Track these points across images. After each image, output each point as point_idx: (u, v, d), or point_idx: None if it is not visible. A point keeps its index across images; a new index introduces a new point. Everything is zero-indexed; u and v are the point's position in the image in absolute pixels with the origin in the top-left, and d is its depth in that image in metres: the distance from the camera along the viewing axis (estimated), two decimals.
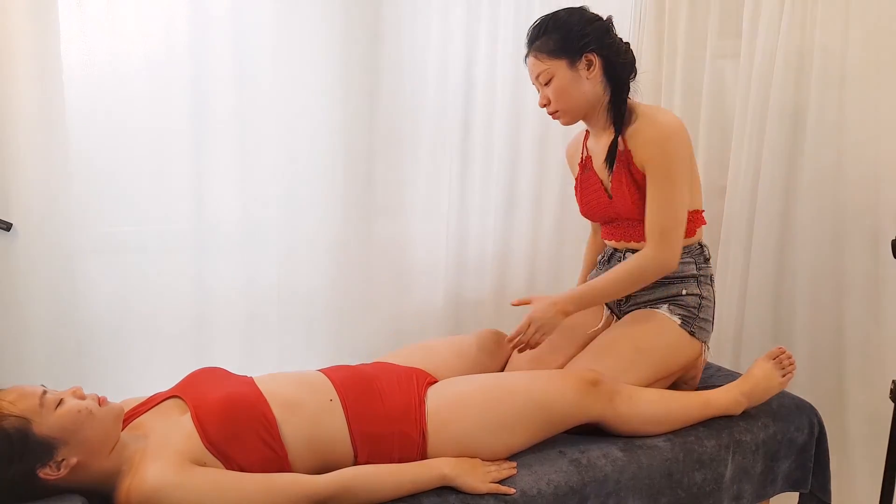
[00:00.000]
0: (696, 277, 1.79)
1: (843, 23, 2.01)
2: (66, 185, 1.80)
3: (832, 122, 2.06)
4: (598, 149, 1.82)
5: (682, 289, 1.78)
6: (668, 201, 1.67)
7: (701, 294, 1.78)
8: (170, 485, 1.18)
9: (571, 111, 1.75)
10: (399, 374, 1.51)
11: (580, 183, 1.89)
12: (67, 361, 1.86)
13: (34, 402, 1.17)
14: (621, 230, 1.83)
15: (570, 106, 1.74)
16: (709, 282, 1.82)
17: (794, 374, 1.72)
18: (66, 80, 1.76)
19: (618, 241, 1.86)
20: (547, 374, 1.58)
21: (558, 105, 1.73)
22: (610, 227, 1.88)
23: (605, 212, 1.84)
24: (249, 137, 2.01)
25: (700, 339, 1.77)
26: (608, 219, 1.86)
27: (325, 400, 1.39)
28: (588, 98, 1.73)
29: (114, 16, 1.81)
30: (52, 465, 1.16)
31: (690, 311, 1.75)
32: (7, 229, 1.73)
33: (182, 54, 1.88)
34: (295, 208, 2.08)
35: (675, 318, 1.75)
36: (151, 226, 1.95)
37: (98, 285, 1.91)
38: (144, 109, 1.87)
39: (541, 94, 1.75)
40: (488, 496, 1.35)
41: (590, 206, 1.88)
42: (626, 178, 1.73)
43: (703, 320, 1.77)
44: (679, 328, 1.74)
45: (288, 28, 2.01)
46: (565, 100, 1.72)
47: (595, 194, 1.85)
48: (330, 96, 2.09)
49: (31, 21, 1.68)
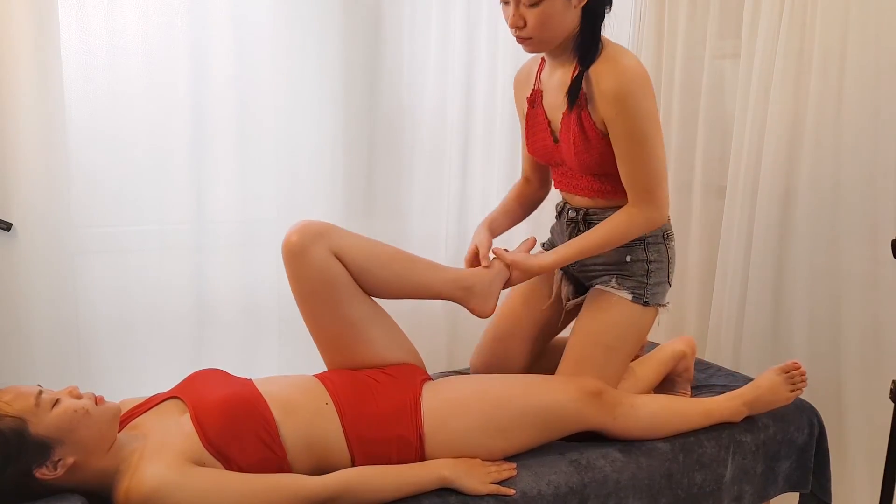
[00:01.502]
0: (642, 239, 1.67)
1: (843, 23, 2.00)
2: (66, 185, 1.80)
3: (832, 122, 2.06)
4: (551, 83, 1.65)
5: (625, 255, 1.68)
6: (646, 159, 1.55)
7: (647, 258, 1.68)
8: (169, 485, 1.17)
9: (547, 41, 1.55)
10: (394, 374, 1.50)
11: (529, 119, 1.73)
12: (67, 361, 1.86)
13: (30, 402, 1.16)
14: (566, 179, 1.73)
15: (550, 35, 1.53)
16: (661, 240, 1.70)
17: (803, 391, 1.69)
18: (65, 81, 1.76)
19: (563, 190, 1.76)
20: (549, 381, 1.57)
21: (536, 31, 1.51)
22: (556, 173, 1.77)
23: (551, 155, 1.70)
24: (249, 137, 2.01)
25: (655, 305, 1.71)
26: (554, 162, 1.73)
27: (321, 403, 1.39)
28: (567, 29, 1.54)
29: (114, 16, 1.81)
30: (48, 465, 1.16)
31: (638, 280, 1.68)
32: (7, 229, 1.73)
33: (182, 54, 1.89)
34: (294, 208, 2.08)
35: (625, 295, 1.67)
36: (151, 225, 1.96)
37: (98, 285, 1.91)
38: (144, 109, 1.88)
39: (514, 13, 1.50)
40: (488, 497, 1.35)
41: (535, 147, 1.73)
42: (574, 124, 1.59)
43: (655, 285, 1.69)
44: (632, 304, 1.68)
45: (288, 29, 2.01)
46: (548, 28, 1.51)
47: (541, 134, 1.70)
48: (330, 96, 2.09)
49: (31, 21, 1.68)
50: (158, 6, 1.85)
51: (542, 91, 1.68)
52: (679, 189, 2.55)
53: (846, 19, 2.00)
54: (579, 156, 1.61)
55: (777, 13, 2.14)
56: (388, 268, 1.54)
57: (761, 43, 2.18)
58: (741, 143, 2.27)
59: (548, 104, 1.66)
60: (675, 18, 2.49)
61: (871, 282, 2.02)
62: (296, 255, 1.45)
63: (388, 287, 1.55)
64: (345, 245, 1.48)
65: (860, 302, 2.04)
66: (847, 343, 2.07)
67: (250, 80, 1.98)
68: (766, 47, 2.17)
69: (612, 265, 1.70)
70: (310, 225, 1.48)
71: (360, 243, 1.52)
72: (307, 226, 1.47)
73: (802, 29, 2.10)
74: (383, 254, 1.55)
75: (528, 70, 1.76)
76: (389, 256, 1.56)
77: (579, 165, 1.63)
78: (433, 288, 1.60)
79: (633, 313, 1.69)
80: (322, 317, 1.53)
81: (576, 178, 1.70)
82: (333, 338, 1.54)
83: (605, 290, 1.71)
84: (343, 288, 1.48)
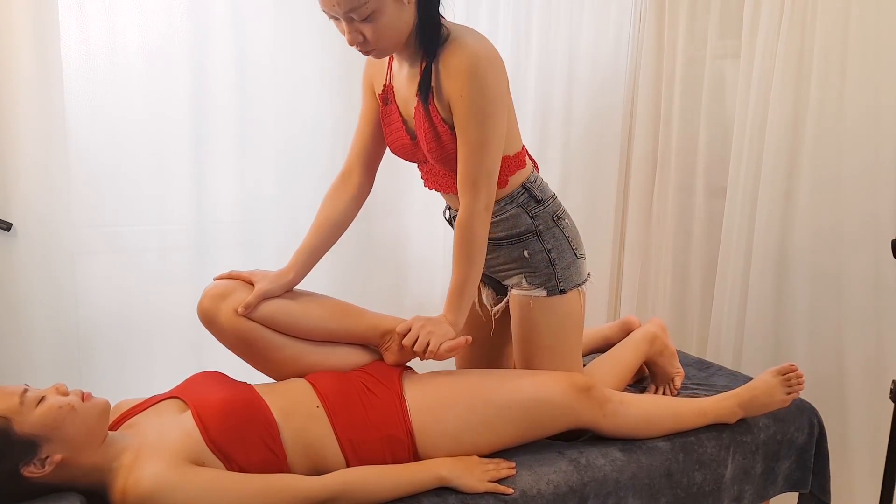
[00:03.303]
0: (534, 230, 1.60)
1: (843, 23, 2.01)
2: (66, 185, 1.80)
3: (832, 122, 2.06)
4: (401, 78, 1.55)
5: (522, 250, 1.61)
6: (480, 146, 1.45)
7: (545, 248, 1.60)
8: (168, 485, 1.17)
9: (392, 46, 1.45)
10: (373, 373, 1.50)
11: (384, 116, 1.62)
12: (67, 361, 1.86)
13: (14, 400, 1.16)
14: (431, 177, 1.65)
15: (393, 42, 1.43)
16: (552, 224, 1.61)
17: (799, 393, 1.68)
18: (66, 80, 1.77)
19: (433, 188, 1.68)
20: (538, 375, 1.56)
21: (378, 42, 1.41)
22: (422, 171, 1.68)
23: (412, 153, 1.61)
24: (249, 137, 2.01)
25: (573, 287, 1.64)
26: (417, 160, 1.64)
27: (312, 407, 1.39)
28: (408, 27, 1.43)
29: (113, 16, 1.81)
30: (36, 463, 1.15)
31: (545, 273, 1.61)
32: (7, 229, 1.73)
33: (182, 55, 1.89)
34: (294, 208, 2.08)
35: (540, 293, 1.60)
36: (151, 225, 1.96)
37: (98, 285, 1.91)
38: (144, 109, 1.88)
39: (350, 30, 1.39)
40: (488, 496, 1.35)
41: (395, 146, 1.63)
42: (424, 119, 1.50)
43: (564, 269, 1.61)
44: (550, 299, 1.61)
45: (287, 28, 2.01)
46: (388, 35, 1.41)
47: (398, 133, 1.60)
48: (330, 96, 2.09)
49: (31, 21, 1.68)
50: (158, 6, 1.85)
51: (393, 87, 1.58)
52: (680, 189, 2.55)
53: (846, 19, 2.00)
54: (432, 152, 1.53)
55: (777, 13, 2.14)
56: (301, 321, 1.51)
57: (762, 43, 2.18)
58: (742, 143, 2.27)
59: (400, 100, 1.57)
60: (676, 19, 2.49)
61: (872, 281, 2.02)
62: (207, 321, 1.49)
63: (305, 336, 1.53)
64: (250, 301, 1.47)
65: (861, 302, 2.04)
66: (847, 343, 2.07)
67: (250, 80, 1.98)
68: (767, 47, 2.17)
69: (514, 263, 1.64)
70: (215, 287, 1.49)
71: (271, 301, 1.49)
72: (212, 288, 1.49)
73: (803, 29, 2.10)
74: (294, 308, 1.51)
75: (379, 64, 1.63)
76: (302, 310, 1.52)
77: (437, 161, 1.55)
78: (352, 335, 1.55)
79: (555, 307, 1.62)
80: (258, 363, 1.54)
81: (440, 174, 1.62)
82: (281, 372, 1.53)
83: (520, 295, 1.64)
84: (262, 340, 1.49)
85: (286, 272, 1.55)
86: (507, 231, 1.61)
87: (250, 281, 1.50)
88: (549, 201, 1.63)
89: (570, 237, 1.64)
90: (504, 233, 1.61)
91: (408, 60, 1.52)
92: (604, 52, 2.60)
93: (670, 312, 2.60)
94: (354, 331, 1.55)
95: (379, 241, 2.24)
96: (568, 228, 1.65)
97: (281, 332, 1.50)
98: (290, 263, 1.58)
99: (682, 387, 1.87)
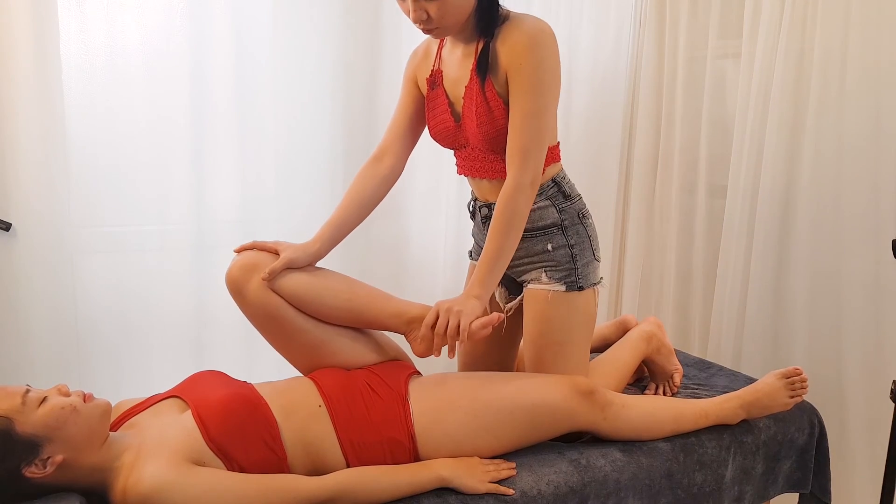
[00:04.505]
0: (560, 225, 1.62)
1: (843, 23, 2.01)
2: (65, 185, 1.80)
3: (832, 122, 2.06)
4: (452, 61, 1.60)
5: (546, 244, 1.63)
6: (535, 116, 1.48)
7: (568, 243, 1.63)
8: (168, 485, 1.17)
9: (453, 26, 1.49)
10: (380, 373, 1.50)
11: (429, 101, 1.66)
12: (67, 361, 1.86)
13: (16, 401, 1.16)
14: (469, 162, 1.65)
15: (456, 20, 1.48)
16: (577, 221, 1.64)
17: (802, 397, 1.68)
18: (65, 80, 1.77)
19: (466, 174, 1.69)
20: (539, 379, 1.56)
21: (441, 21, 1.46)
22: (459, 157, 1.69)
23: (454, 137, 1.63)
24: (249, 137, 2.01)
25: (590, 286, 1.65)
26: (457, 145, 1.66)
27: (314, 406, 1.39)
28: (469, 8, 1.49)
29: (113, 16, 1.81)
30: (37, 464, 1.15)
31: (566, 268, 1.62)
32: (7, 229, 1.73)
33: (181, 55, 1.89)
34: (294, 208, 2.08)
35: (559, 287, 1.62)
36: (151, 226, 1.96)
37: (98, 285, 1.91)
38: (144, 109, 1.88)
39: (414, 9, 1.45)
40: (488, 496, 1.35)
41: (436, 129, 1.66)
42: (477, 94, 1.53)
43: (584, 266, 1.64)
44: (568, 294, 1.62)
45: (288, 29, 2.01)
46: (451, 14, 1.46)
47: (442, 116, 1.63)
48: (329, 95, 2.09)
49: (31, 20, 1.68)
50: (158, 6, 1.85)
51: (442, 71, 1.62)
52: (681, 189, 2.55)
53: (847, 19, 2.00)
54: (482, 127, 1.55)
55: (778, 13, 2.14)
56: (326, 299, 1.50)
57: (762, 43, 2.18)
58: (742, 142, 2.27)
59: (448, 82, 1.61)
60: (676, 18, 2.49)
61: (872, 281, 2.02)
62: (235, 291, 1.48)
63: (329, 317, 1.52)
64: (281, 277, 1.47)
65: (861, 302, 2.04)
66: (847, 343, 2.07)
67: (250, 80, 1.98)
68: (767, 47, 2.17)
69: (536, 256, 1.65)
70: (245, 257, 1.48)
71: (298, 275, 1.50)
72: (242, 258, 1.48)
73: (803, 29, 2.10)
74: (321, 285, 1.51)
75: (426, 48, 1.69)
76: (329, 287, 1.52)
77: (482, 138, 1.56)
78: (377, 321, 1.55)
79: (571, 302, 1.64)
80: (278, 343, 1.54)
81: (479, 159, 1.63)
82: (297, 358, 1.55)
83: (538, 289, 1.65)
84: (287, 319, 1.49)
85: (312, 243, 1.56)
86: (533, 223, 1.62)
87: (275, 251, 1.51)
88: (577, 199, 1.66)
89: (592, 237, 1.67)
90: (529, 224, 1.61)
91: (463, 42, 1.57)
92: (604, 52, 2.60)
93: (672, 312, 2.60)
94: (380, 315, 1.54)
95: (379, 241, 2.24)
96: (591, 228, 1.68)
97: (306, 314, 1.50)
98: (316, 235, 1.58)
99: (682, 386, 1.87)
